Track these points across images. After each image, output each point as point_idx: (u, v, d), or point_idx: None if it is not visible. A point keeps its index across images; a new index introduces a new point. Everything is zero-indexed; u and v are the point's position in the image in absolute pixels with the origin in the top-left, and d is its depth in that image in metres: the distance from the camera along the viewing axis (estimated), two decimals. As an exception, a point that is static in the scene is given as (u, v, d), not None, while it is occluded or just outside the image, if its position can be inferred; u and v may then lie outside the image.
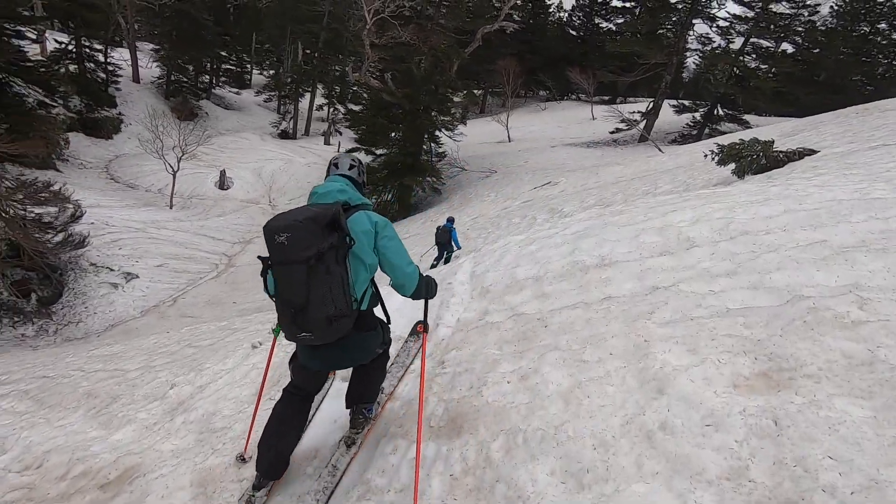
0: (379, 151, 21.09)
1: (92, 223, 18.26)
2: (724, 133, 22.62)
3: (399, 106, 19.58)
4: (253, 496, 2.21)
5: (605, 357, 2.31)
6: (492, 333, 2.86)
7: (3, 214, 13.21)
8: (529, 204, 13.83)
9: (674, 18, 23.94)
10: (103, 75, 31.30)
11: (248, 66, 53.66)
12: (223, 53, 44.34)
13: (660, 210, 3.88)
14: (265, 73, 51.56)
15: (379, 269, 2.11)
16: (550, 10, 48.37)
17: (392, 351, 2.76)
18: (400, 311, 3.26)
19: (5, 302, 13.98)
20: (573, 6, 47.56)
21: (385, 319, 2.37)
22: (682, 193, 5.03)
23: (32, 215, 14.52)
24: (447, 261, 9.82)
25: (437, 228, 10.03)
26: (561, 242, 3.77)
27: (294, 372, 2.25)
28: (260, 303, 13.58)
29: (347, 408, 2.46)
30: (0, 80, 21.41)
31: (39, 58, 27.25)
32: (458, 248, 10.04)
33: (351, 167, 2.25)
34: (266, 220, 1.87)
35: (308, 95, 40.27)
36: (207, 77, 42.51)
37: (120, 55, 36.41)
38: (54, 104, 23.83)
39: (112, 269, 16.22)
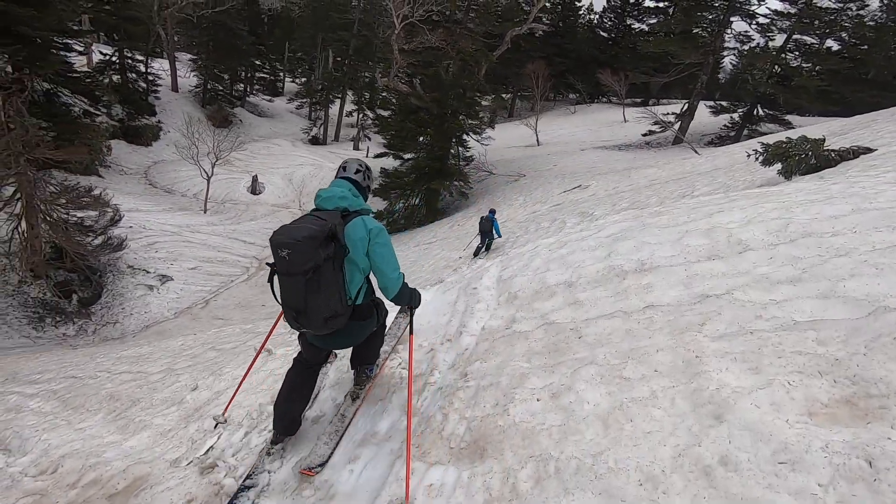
0: (407, 156, 21.08)
1: (130, 227, 18.88)
2: (765, 134, 21.61)
3: (427, 110, 19.49)
4: (271, 448, 2.56)
5: (649, 374, 2.03)
6: (520, 344, 2.61)
7: (48, 218, 13.76)
8: (559, 208, 13.46)
9: (710, 17, 23.08)
10: (144, 85, 32.59)
11: (281, 74, 55.00)
12: (257, 62, 45.59)
13: (704, 210, 3.56)
14: (297, 80, 52.70)
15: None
16: (580, 12, 47.70)
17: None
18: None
19: (49, 302, 14.53)
20: (604, 7, 46.79)
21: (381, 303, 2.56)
22: (727, 193, 4.65)
23: (74, 219, 15.09)
24: (488, 248, 11.21)
25: (481, 219, 11.25)
26: (595, 245, 3.49)
27: (302, 346, 2.49)
28: (287, 306, 13.69)
29: (352, 368, 2.81)
30: (48, 90, 22.52)
31: (85, 69, 28.58)
32: (499, 236, 11.29)
33: (357, 171, 2.39)
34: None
35: (338, 102, 40.90)
36: (242, 85, 43.76)
37: (160, 66, 37.87)
38: (98, 113, 24.86)
39: (148, 272, 16.68)
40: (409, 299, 2.36)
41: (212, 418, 2.99)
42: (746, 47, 24.02)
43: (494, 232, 11.10)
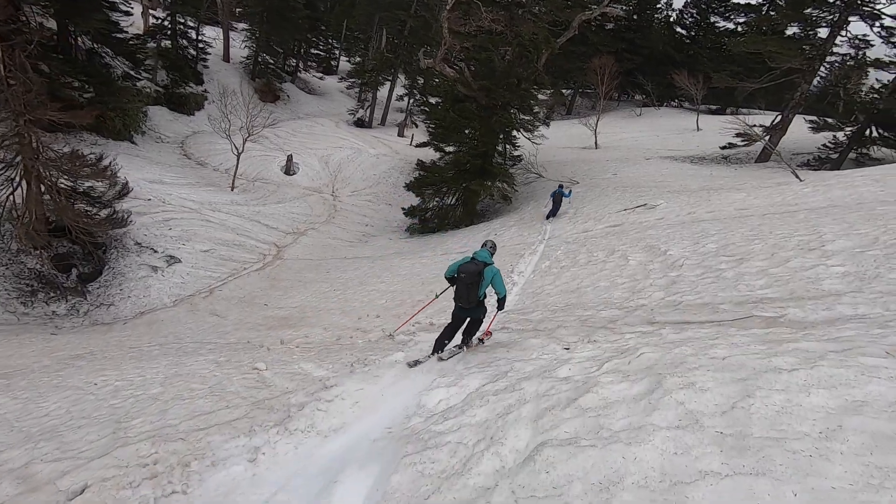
0: (449, 149, 18.96)
1: (149, 199, 17.88)
2: (877, 160, 18.02)
3: (474, 100, 17.28)
4: (429, 356, 5.22)
5: None
6: None
7: (49, 185, 12.67)
8: (618, 231, 11.02)
9: (821, 14, 19.42)
10: (193, 52, 31.98)
11: (337, 52, 53.95)
12: (312, 37, 44.50)
13: None
14: (352, 60, 51.49)
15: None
16: (658, 5, 43.55)
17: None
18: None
19: (45, 275, 13.56)
20: (686, 2, 42.49)
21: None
22: None
23: (82, 188, 14.04)
24: (554, 213, 14.55)
25: (553, 193, 14.53)
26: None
27: (453, 314, 5.18)
28: (290, 310, 12.01)
29: (462, 336, 5.40)
30: (91, 48, 21.90)
31: (138, 31, 28.09)
32: (568, 196, 14.75)
33: (492, 247, 5.20)
34: (326, 212, 20.38)
35: (388, 85, 39.18)
36: (294, 60, 42.80)
37: (215, 34, 37.42)
38: (139, 77, 24.15)
39: (156, 251, 15.53)
40: (504, 303, 5.19)
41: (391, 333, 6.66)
42: (861, 53, 20.24)
43: (564, 198, 14.40)
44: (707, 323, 4.15)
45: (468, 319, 5.20)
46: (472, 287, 4.81)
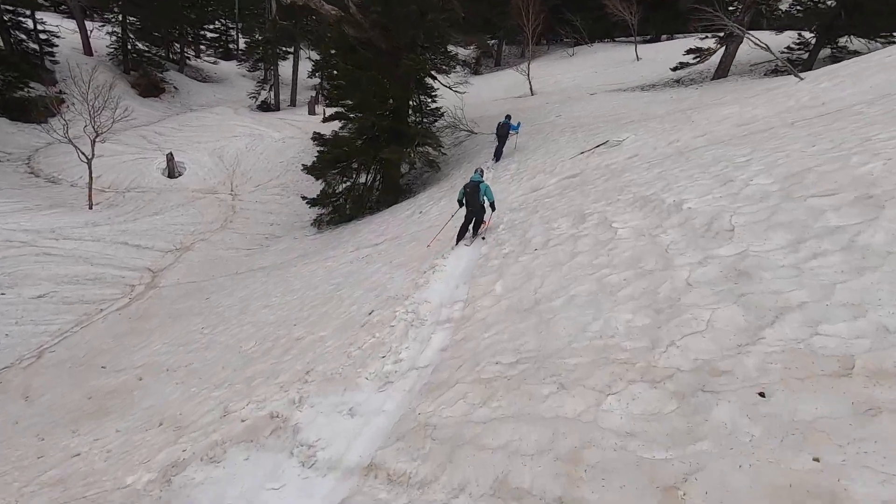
0: (353, 114, 14.97)
1: (-47, 239, 13.15)
2: (854, 52, 15.47)
3: (370, 44, 13.33)
4: (455, 245, 7.53)
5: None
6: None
7: None
8: (579, 184, 7.69)
9: None
10: (35, 46, 25.95)
11: (233, 33, 47.55)
12: (195, 16, 38.27)
13: None
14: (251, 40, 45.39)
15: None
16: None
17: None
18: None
19: None
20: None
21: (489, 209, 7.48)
22: None
23: None
24: (497, 157, 12.64)
25: (498, 125, 12.30)
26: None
27: (465, 217, 7.48)
28: (126, 376, 8.08)
29: (473, 229, 7.61)
30: None
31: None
32: (516, 130, 12.38)
33: (481, 172, 7.77)
34: (222, 216, 16.25)
35: (291, 59, 34.04)
36: (179, 46, 36.72)
37: (64, 22, 31.05)
38: (-58, 81, 18.54)
39: (-47, 312, 11.00)
40: (494, 206, 7.32)
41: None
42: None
43: (512, 131, 12.16)
44: None
45: (474, 219, 7.44)
46: (475, 195, 7.14)
